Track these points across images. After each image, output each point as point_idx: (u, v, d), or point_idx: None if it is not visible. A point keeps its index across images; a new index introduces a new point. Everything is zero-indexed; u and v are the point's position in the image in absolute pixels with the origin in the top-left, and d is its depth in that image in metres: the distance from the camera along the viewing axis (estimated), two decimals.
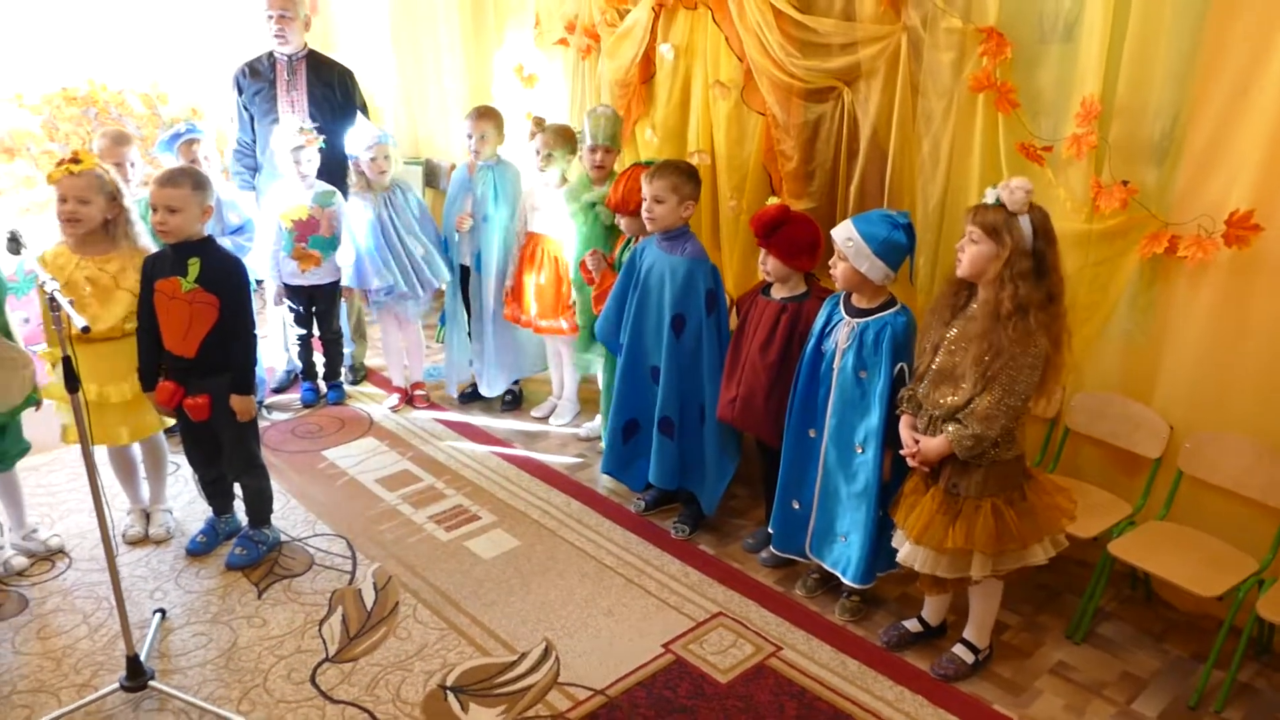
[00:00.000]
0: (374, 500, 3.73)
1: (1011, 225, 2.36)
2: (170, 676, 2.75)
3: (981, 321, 2.42)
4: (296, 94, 4.51)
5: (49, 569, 3.28)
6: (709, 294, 3.26)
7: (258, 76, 4.53)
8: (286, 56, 4.51)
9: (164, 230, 3.01)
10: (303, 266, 4.31)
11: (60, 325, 2.36)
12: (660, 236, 3.31)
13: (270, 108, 4.49)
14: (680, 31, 3.84)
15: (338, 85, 4.61)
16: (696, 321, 3.27)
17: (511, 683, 2.74)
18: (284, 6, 4.42)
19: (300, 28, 4.50)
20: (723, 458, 3.38)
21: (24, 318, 4.72)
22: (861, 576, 2.87)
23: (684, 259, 3.25)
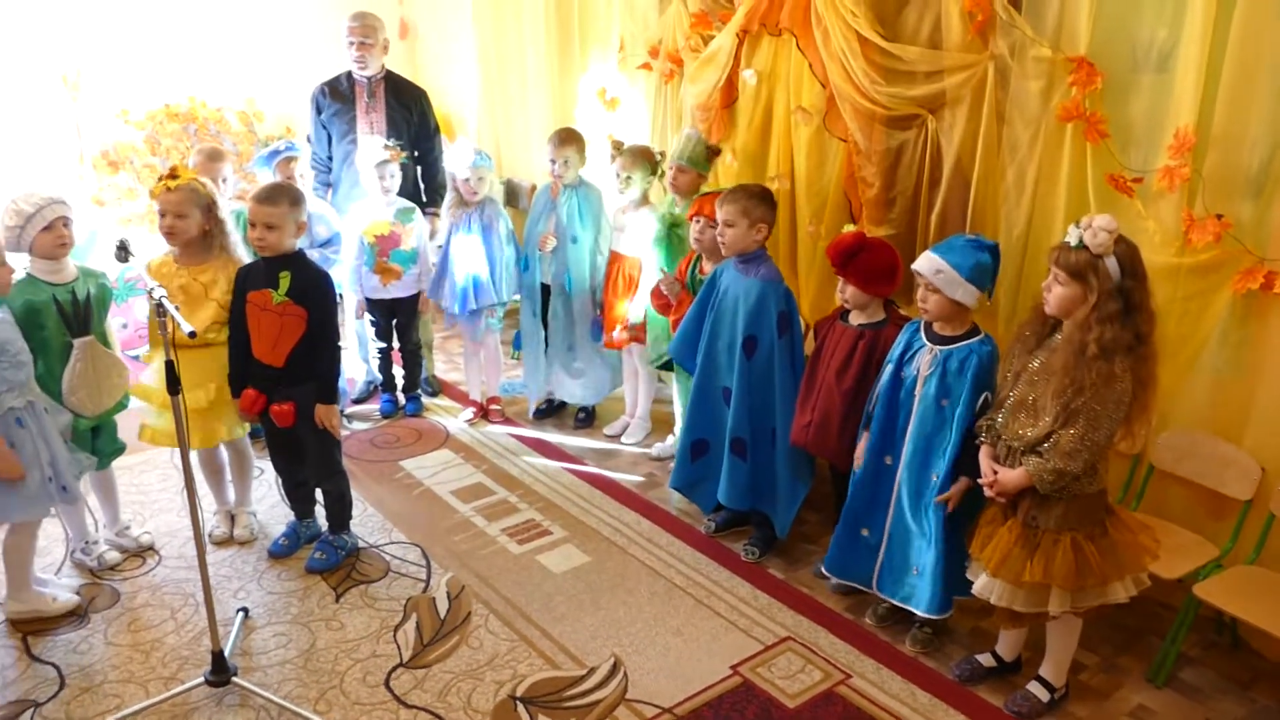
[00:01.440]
0: (449, 511, 3.80)
1: (1097, 267, 2.32)
2: (251, 674, 2.83)
3: (1064, 356, 2.39)
4: (375, 115, 4.66)
5: (140, 565, 3.41)
6: (781, 316, 3.27)
7: (338, 97, 4.69)
8: (366, 78, 4.66)
9: (262, 246, 3.13)
10: (384, 280, 4.43)
11: (165, 330, 2.46)
12: (737, 259, 3.33)
13: (349, 128, 4.65)
14: (764, 57, 3.88)
15: (414, 107, 4.75)
16: (768, 343, 3.28)
17: (580, 696, 2.77)
18: (365, 33, 4.59)
19: (379, 52, 4.66)
20: (795, 481, 3.38)
21: (122, 323, 4.93)
22: (937, 607, 2.84)
23: (757, 280, 3.27)
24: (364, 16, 4.61)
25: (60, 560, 3.42)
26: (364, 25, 4.58)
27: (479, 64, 5.83)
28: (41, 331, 3.02)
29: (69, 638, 3.00)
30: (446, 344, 5.53)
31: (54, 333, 3.06)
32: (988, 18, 3.08)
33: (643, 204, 4.06)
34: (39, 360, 3.01)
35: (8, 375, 2.82)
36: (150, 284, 2.58)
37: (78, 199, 5.18)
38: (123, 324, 4.96)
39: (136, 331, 5.07)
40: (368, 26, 4.58)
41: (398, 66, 5.10)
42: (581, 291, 4.27)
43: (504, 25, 5.52)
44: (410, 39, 6.43)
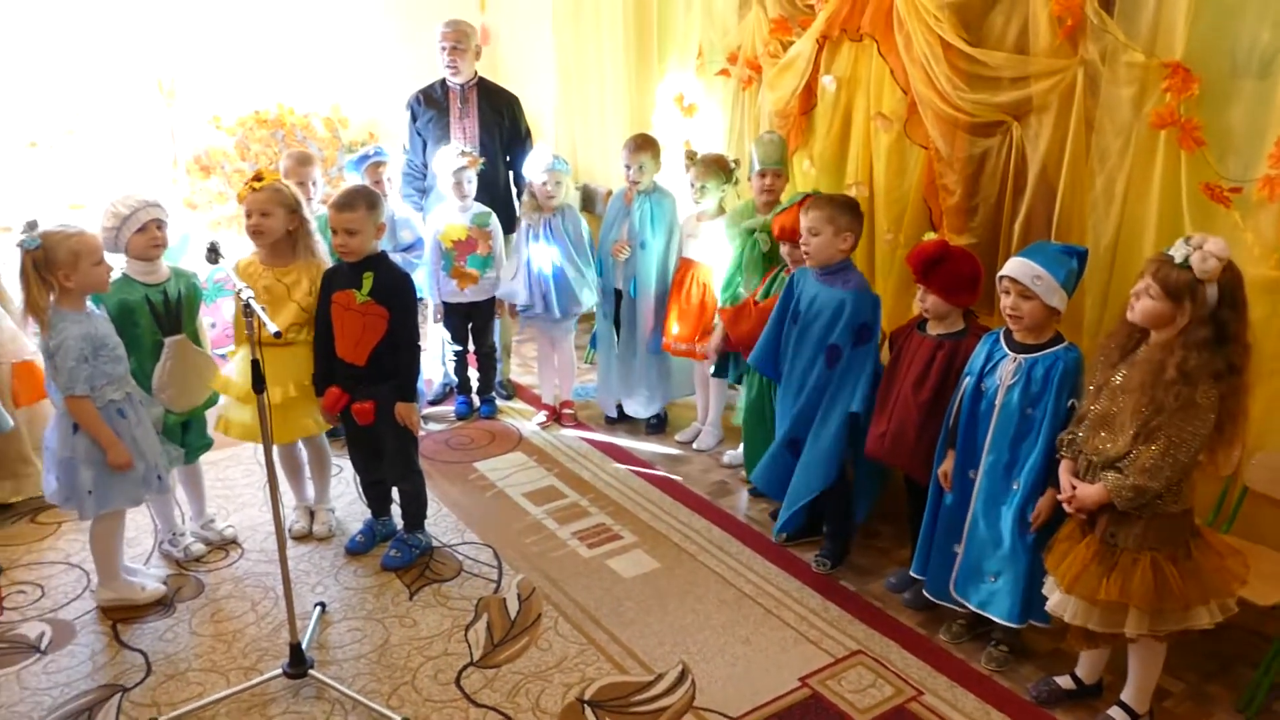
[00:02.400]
0: (520, 513, 3.84)
1: (1195, 291, 2.25)
2: (327, 667, 2.89)
3: (1142, 374, 2.32)
4: (469, 121, 4.73)
5: (223, 557, 3.51)
6: (861, 327, 3.23)
7: (432, 104, 4.77)
8: (459, 85, 4.73)
9: (345, 251, 3.21)
10: (461, 285, 4.49)
11: (252, 329, 2.54)
12: (819, 271, 3.29)
13: (444, 134, 4.72)
14: (844, 63, 3.83)
15: (506, 111, 4.80)
16: (848, 351, 3.25)
17: (647, 702, 2.77)
18: (457, 39, 4.66)
19: (471, 58, 4.72)
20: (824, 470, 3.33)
21: (210, 323, 5.10)
22: (1017, 615, 2.76)
23: (848, 291, 3.22)
24: (456, 24, 4.68)
25: (149, 551, 3.54)
26: (456, 31, 4.66)
27: (557, 71, 5.88)
28: (134, 330, 3.14)
29: (156, 626, 3.11)
30: (521, 348, 5.58)
31: (146, 331, 3.17)
32: (1078, 22, 3.00)
33: (720, 213, 4.05)
34: (131, 357, 3.12)
35: (107, 369, 2.94)
36: (238, 284, 2.66)
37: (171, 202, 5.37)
38: (211, 323, 5.13)
39: (224, 331, 5.25)
40: (460, 33, 4.66)
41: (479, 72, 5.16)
42: (646, 297, 4.28)
43: (583, 33, 5.57)
44: (491, 46, 6.52)
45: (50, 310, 2.88)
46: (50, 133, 5.19)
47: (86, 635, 3.06)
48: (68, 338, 2.85)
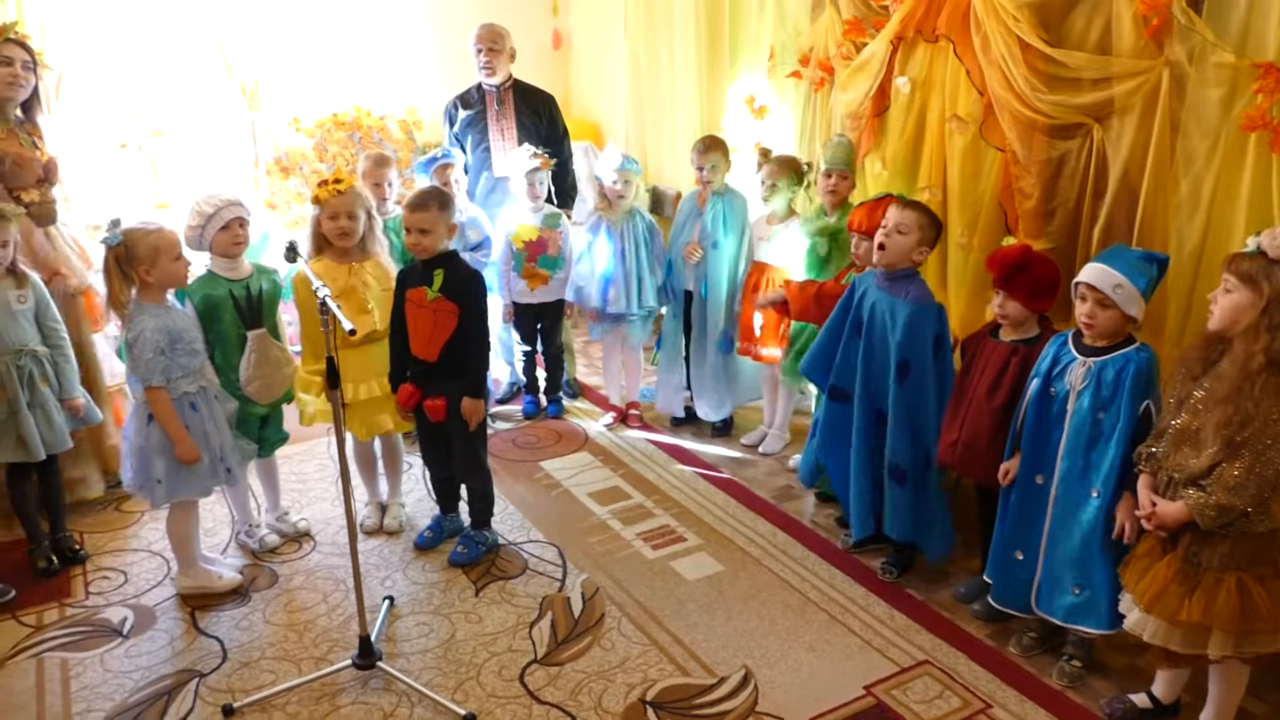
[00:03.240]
0: (585, 513, 3.86)
1: (1271, 272, 2.19)
2: (395, 660, 2.94)
3: (1230, 381, 2.25)
4: (506, 122, 4.79)
5: (296, 549, 3.60)
6: (936, 338, 3.16)
7: (469, 107, 4.84)
8: (494, 87, 4.79)
9: (417, 249, 3.27)
10: (531, 285, 4.54)
11: (328, 328, 2.60)
12: (882, 275, 3.24)
13: (482, 137, 4.79)
14: (918, 64, 3.78)
15: (543, 111, 4.85)
16: (921, 366, 3.17)
17: (710, 705, 2.76)
18: (491, 41, 4.72)
19: (506, 60, 4.78)
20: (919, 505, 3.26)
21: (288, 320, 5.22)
22: (1106, 623, 2.69)
23: (908, 302, 3.15)
24: (490, 26, 4.76)
25: (226, 541, 3.64)
26: (490, 34, 4.72)
27: (628, 74, 5.90)
28: (219, 324, 3.25)
29: (232, 614, 3.20)
30: (588, 348, 5.62)
31: (230, 325, 3.27)
32: (1164, 21, 2.91)
33: (790, 215, 4.03)
34: (218, 350, 3.23)
35: (183, 362, 3.04)
36: (315, 283, 2.73)
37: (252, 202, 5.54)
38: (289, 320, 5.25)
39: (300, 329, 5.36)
40: (494, 35, 4.73)
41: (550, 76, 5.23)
42: (717, 299, 4.27)
43: (655, 35, 5.58)
44: (564, 49, 6.59)
45: (131, 304, 2.99)
46: (139, 135, 5.38)
47: (166, 621, 3.17)
48: (145, 330, 2.95)
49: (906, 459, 3.24)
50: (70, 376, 3.36)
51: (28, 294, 3.25)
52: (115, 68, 5.22)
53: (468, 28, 4.77)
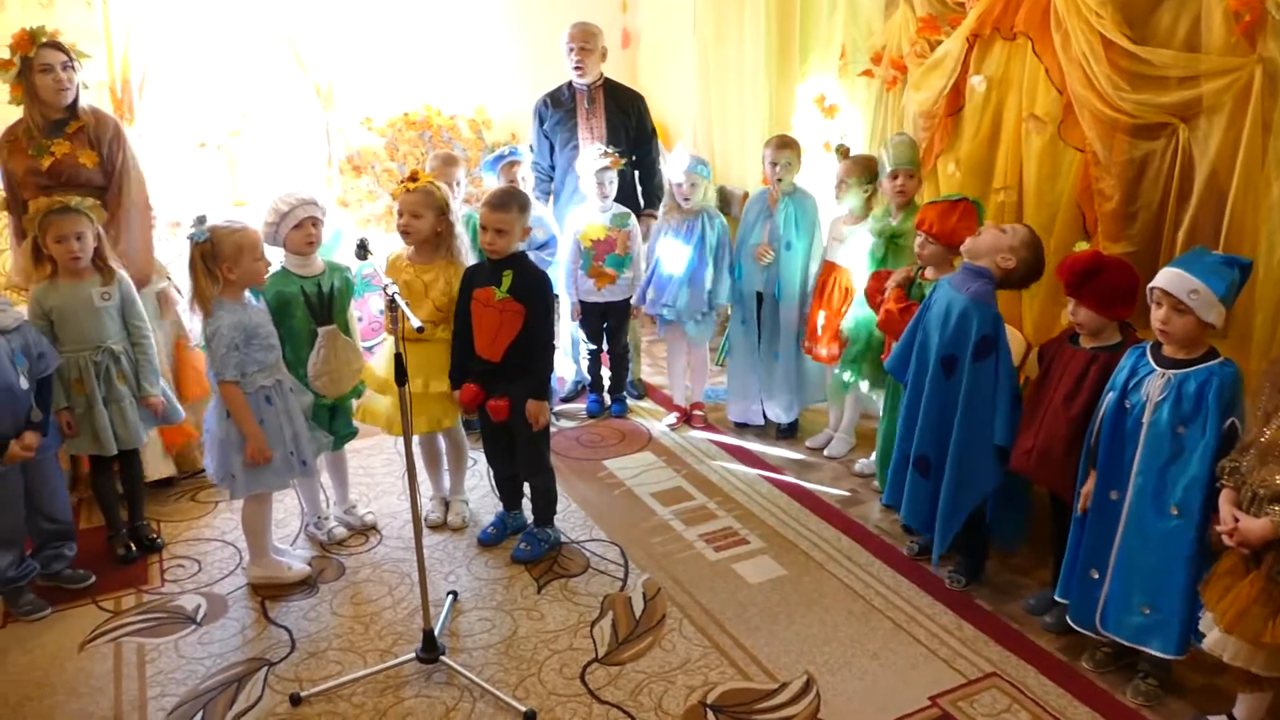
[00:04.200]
0: (648, 513, 3.85)
1: None
2: (457, 654, 2.96)
3: None
4: (596, 121, 4.79)
5: (363, 542, 3.65)
6: (982, 340, 3.05)
7: (559, 106, 4.85)
8: (585, 86, 4.80)
9: (492, 250, 3.29)
10: (598, 284, 4.55)
11: (396, 324, 2.63)
12: (965, 267, 3.14)
13: (571, 136, 4.80)
14: (995, 62, 3.70)
15: (632, 111, 4.84)
16: (963, 367, 3.09)
17: (771, 711, 2.73)
18: (584, 40, 4.72)
19: (598, 59, 4.78)
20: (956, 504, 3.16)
21: (358, 316, 5.31)
22: (1175, 647, 2.59)
23: (965, 297, 3.08)
24: (583, 25, 4.76)
25: (295, 533, 3.72)
26: (583, 33, 4.73)
27: (698, 73, 5.89)
28: (291, 320, 3.31)
29: (300, 605, 3.26)
30: (653, 348, 5.61)
31: (301, 321, 3.34)
32: (1257, 18, 2.80)
33: (865, 214, 3.97)
34: (288, 346, 3.29)
35: (258, 357, 3.11)
36: (384, 280, 2.77)
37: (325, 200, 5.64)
38: (359, 317, 5.34)
39: (370, 324, 5.46)
40: (586, 34, 4.73)
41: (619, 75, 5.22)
42: (790, 301, 4.23)
43: (725, 34, 5.55)
44: (632, 48, 6.59)
45: (212, 301, 3.06)
46: (217, 134, 5.52)
47: (237, 610, 3.24)
48: (222, 326, 3.02)
49: (934, 452, 3.19)
50: (149, 374, 3.44)
51: (112, 290, 3.34)
52: (195, 69, 5.37)
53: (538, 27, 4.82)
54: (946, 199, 3.43)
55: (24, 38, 3.49)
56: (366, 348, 3.81)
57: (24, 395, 3.03)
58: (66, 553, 3.34)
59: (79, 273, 3.28)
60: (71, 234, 3.21)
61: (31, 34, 3.51)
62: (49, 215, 3.20)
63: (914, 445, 3.25)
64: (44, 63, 3.53)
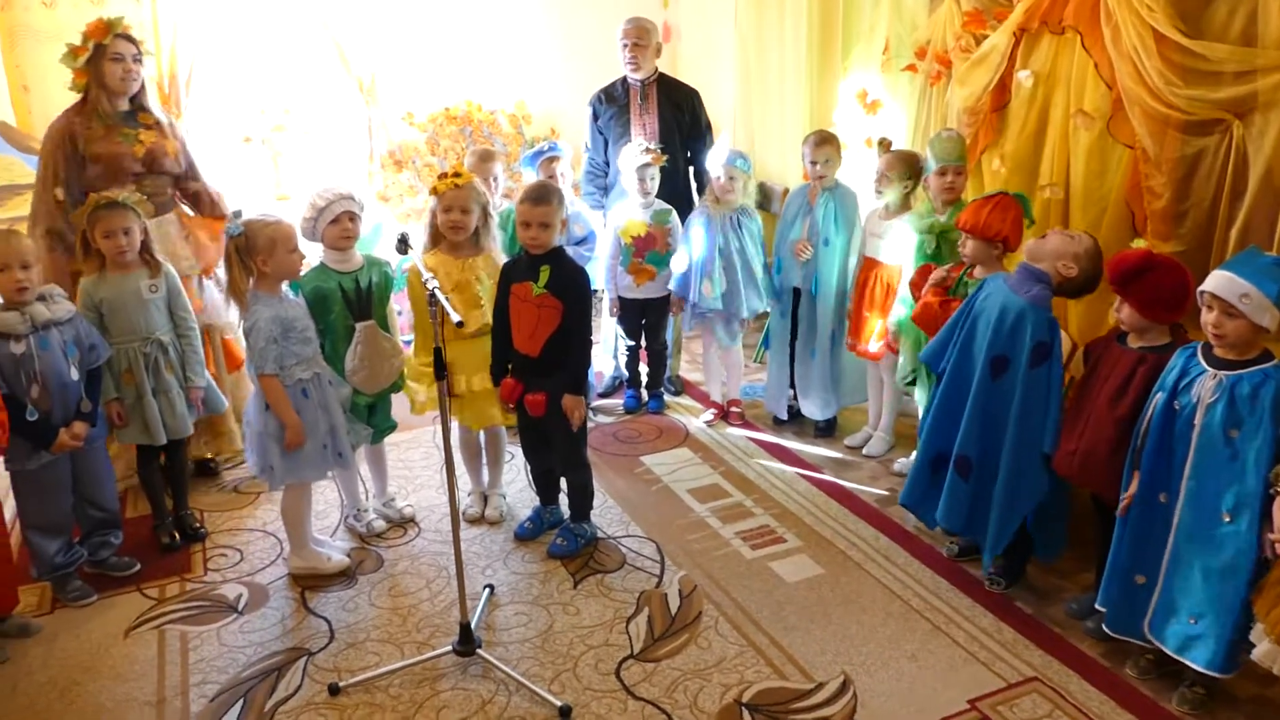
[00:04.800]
0: (684, 509, 3.84)
1: None
2: (493, 648, 2.98)
3: None
4: (649, 117, 4.77)
5: (402, 535, 3.68)
6: (1039, 346, 2.98)
7: (613, 101, 4.84)
8: (639, 81, 4.78)
9: (536, 244, 3.28)
10: (638, 281, 4.54)
11: (436, 319, 2.64)
12: (1024, 269, 3.06)
13: (624, 131, 4.78)
14: (1042, 57, 3.63)
15: (686, 106, 4.82)
16: (1016, 370, 3.02)
17: (806, 711, 2.71)
18: (638, 35, 4.71)
19: (652, 54, 4.76)
20: (1013, 510, 3.10)
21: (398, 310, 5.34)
22: (1221, 664, 2.54)
23: (1021, 300, 3.01)
24: (637, 20, 4.75)
25: (335, 525, 3.75)
26: (637, 28, 4.72)
27: (738, 67, 5.85)
28: (328, 315, 3.33)
29: (339, 595, 3.29)
30: (690, 344, 5.59)
31: (339, 317, 3.36)
32: None
33: (903, 210, 3.92)
34: (327, 341, 3.32)
35: (296, 350, 3.14)
36: (425, 275, 2.77)
37: (366, 195, 5.70)
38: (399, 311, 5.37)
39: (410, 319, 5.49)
40: (641, 29, 4.72)
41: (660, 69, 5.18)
42: (827, 297, 4.19)
43: (766, 28, 5.51)
44: (672, 43, 6.57)
45: (249, 293, 3.09)
46: (262, 129, 5.59)
47: (278, 599, 3.28)
48: (260, 319, 3.06)
49: (976, 453, 3.14)
50: (195, 364, 3.50)
51: (159, 283, 3.40)
52: (240, 65, 5.43)
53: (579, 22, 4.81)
54: (985, 197, 3.37)
55: (101, 26, 3.57)
56: (406, 342, 3.83)
57: (74, 386, 3.09)
58: (113, 540, 3.41)
59: (126, 266, 3.34)
60: (119, 229, 3.27)
61: (108, 23, 3.59)
62: (98, 210, 3.26)
63: (955, 445, 3.20)
64: (116, 52, 3.61)
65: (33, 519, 3.17)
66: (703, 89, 5.03)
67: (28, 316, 2.99)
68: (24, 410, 2.97)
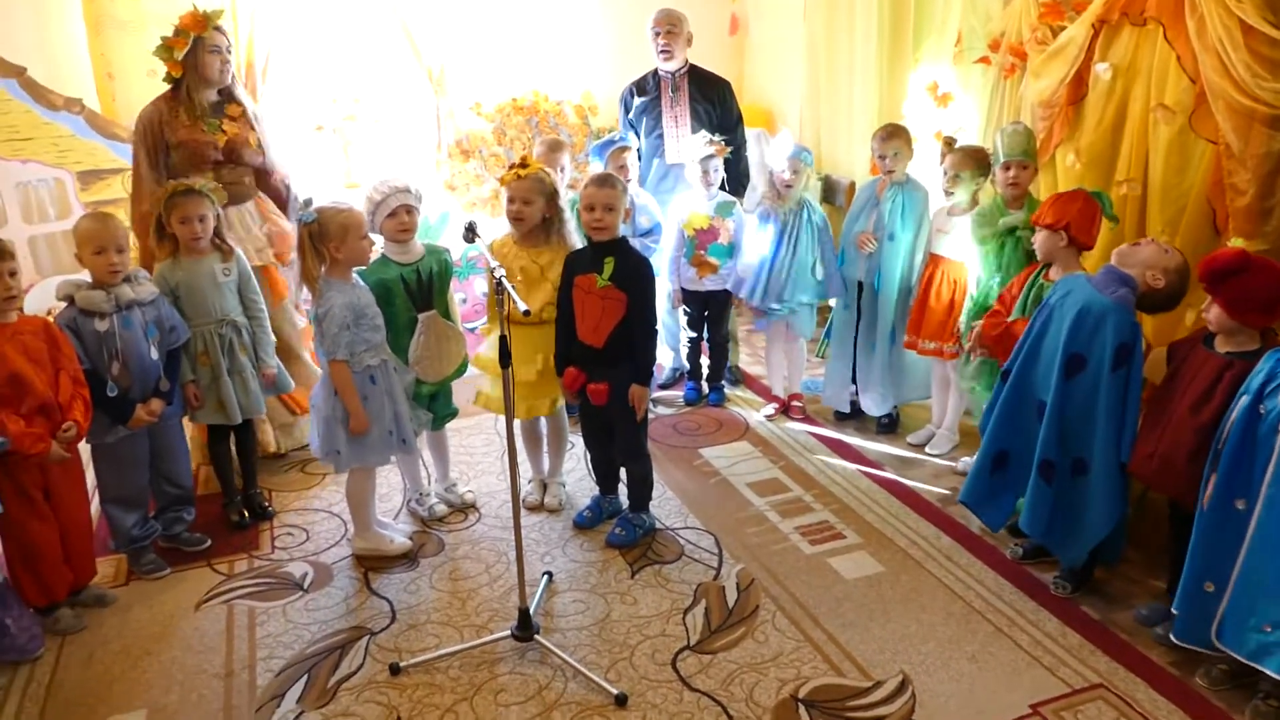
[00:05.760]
0: (743, 503, 3.83)
1: None
2: (551, 634, 3.00)
3: None
4: (680, 109, 4.77)
5: (462, 520, 3.73)
6: (1121, 348, 2.90)
7: (644, 93, 4.85)
8: (670, 73, 4.77)
9: (600, 227, 3.30)
10: (700, 273, 4.53)
11: (503, 307, 2.66)
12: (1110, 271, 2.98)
13: (655, 123, 4.78)
14: (1122, 49, 3.54)
15: (716, 98, 4.80)
16: (1095, 372, 2.94)
17: (864, 709, 2.69)
18: (670, 24, 4.71)
19: (684, 44, 4.75)
20: (1095, 518, 3.02)
21: (462, 298, 5.42)
22: None
23: (1106, 299, 2.92)
24: (668, 10, 4.75)
25: (398, 508, 3.82)
26: (669, 17, 4.73)
27: (806, 59, 5.79)
28: (391, 307, 3.38)
29: (401, 577, 3.34)
30: (751, 337, 5.57)
31: (401, 308, 3.41)
32: None
33: (973, 207, 3.85)
34: (389, 332, 3.37)
35: (366, 336, 3.20)
36: (492, 263, 2.80)
37: (434, 185, 5.77)
38: (462, 298, 5.45)
39: (473, 306, 5.56)
40: (673, 18, 4.72)
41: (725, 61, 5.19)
42: (889, 292, 4.14)
43: (835, 19, 5.45)
44: (740, 34, 6.53)
45: (320, 280, 3.15)
46: (333, 118, 5.69)
47: (342, 579, 3.35)
48: (333, 306, 3.11)
49: (1058, 456, 3.05)
50: (266, 346, 3.59)
51: (232, 267, 3.48)
52: (314, 54, 5.53)
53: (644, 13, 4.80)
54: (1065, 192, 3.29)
55: (199, 19, 3.66)
56: (469, 329, 3.87)
57: (154, 365, 3.19)
58: (186, 516, 3.51)
59: (200, 251, 3.42)
60: (195, 215, 3.36)
61: (205, 16, 3.68)
62: (174, 196, 3.35)
63: (1038, 449, 3.08)
64: (214, 44, 3.70)
65: (111, 492, 3.28)
66: (769, 80, 5.01)
67: (113, 296, 3.09)
68: (104, 386, 3.07)
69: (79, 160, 4.85)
